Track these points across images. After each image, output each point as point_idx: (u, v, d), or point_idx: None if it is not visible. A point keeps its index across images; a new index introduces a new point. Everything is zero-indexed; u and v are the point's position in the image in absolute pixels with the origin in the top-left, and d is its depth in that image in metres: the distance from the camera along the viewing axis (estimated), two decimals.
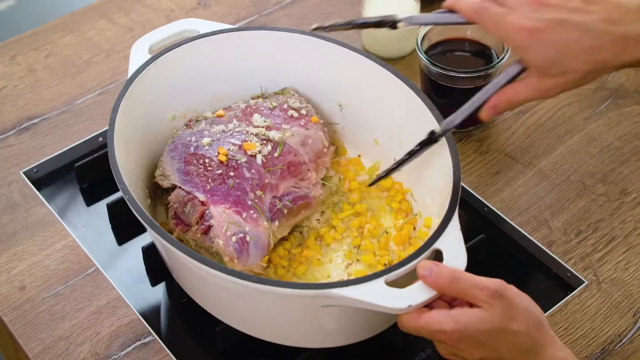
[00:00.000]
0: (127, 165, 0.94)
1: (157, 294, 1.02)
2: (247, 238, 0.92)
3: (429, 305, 0.78)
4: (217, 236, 0.92)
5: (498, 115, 0.88)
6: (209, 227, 0.93)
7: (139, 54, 1.02)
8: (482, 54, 1.17)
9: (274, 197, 0.97)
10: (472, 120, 1.18)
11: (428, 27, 1.16)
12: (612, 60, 0.77)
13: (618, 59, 0.77)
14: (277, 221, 0.96)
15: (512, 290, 0.77)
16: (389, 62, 1.27)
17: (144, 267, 1.02)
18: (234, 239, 0.92)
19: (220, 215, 0.93)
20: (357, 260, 0.98)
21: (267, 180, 0.97)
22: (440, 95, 1.15)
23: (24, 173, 1.14)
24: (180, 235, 0.97)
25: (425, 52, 1.15)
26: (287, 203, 0.97)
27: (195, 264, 0.82)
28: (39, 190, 1.12)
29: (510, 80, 0.83)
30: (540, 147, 1.16)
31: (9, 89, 1.25)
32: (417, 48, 1.13)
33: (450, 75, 1.11)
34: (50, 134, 1.19)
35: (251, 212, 0.94)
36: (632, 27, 0.75)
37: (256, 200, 0.95)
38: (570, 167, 1.14)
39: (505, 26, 0.77)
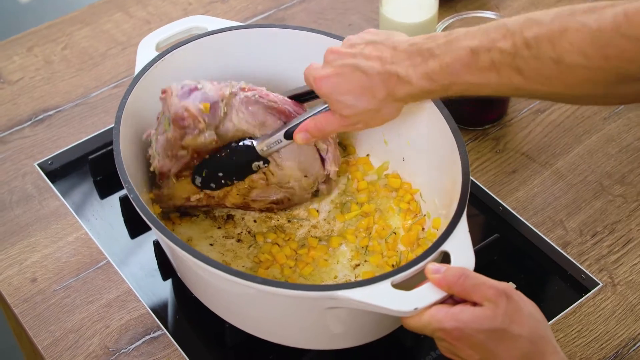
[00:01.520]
0: (134, 162, 0.93)
1: (168, 288, 1.02)
2: (199, 86, 0.93)
3: None
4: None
5: (310, 142, 0.94)
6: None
7: (146, 51, 1.01)
8: None
9: (254, 96, 0.95)
10: (488, 117, 1.17)
11: (447, 23, 1.15)
12: (384, 96, 0.84)
13: (390, 96, 0.83)
14: (239, 96, 0.95)
15: (518, 294, 0.77)
16: None
17: (155, 261, 1.02)
18: (186, 81, 0.93)
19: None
20: (365, 261, 0.97)
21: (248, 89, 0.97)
22: None
23: (38, 165, 1.14)
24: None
25: None
26: (259, 98, 0.96)
27: (198, 264, 0.81)
28: (52, 182, 1.12)
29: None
30: (557, 147, 1.15)
31: (25, 81, 1.25)
32: None
33: None
34: (65, 126, 1.19)
35: (223, 84, 0.95)
36: (397, 66, 0.82)
37: (233, 82, 0.96)
38: (587, 167, 1.12)
39: (311, 79, 0.88)
